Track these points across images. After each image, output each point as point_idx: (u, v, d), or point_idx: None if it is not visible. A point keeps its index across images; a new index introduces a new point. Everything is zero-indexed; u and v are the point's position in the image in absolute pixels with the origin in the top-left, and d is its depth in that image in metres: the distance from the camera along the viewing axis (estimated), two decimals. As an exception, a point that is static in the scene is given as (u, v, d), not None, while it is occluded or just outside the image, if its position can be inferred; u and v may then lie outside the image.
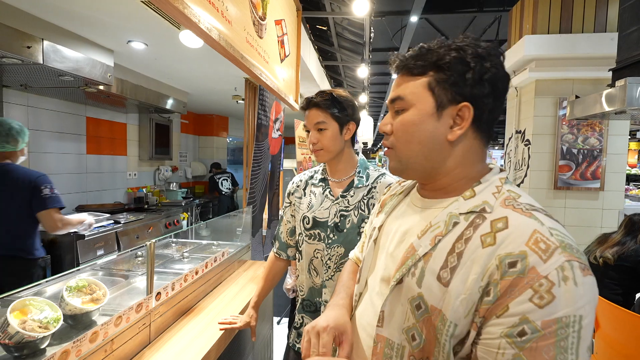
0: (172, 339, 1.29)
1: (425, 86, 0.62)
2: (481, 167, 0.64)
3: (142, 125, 4.56)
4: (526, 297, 0.48)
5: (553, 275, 0.47)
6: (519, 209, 0.55)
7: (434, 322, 0.56)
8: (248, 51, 1.29)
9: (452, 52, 0.59)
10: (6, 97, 2.84)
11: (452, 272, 0.55)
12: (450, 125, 0.61)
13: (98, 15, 2.15)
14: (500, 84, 0.60)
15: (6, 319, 0.89)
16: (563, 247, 0.49)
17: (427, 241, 0.59)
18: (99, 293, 1.15)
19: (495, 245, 0.52)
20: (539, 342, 0.46)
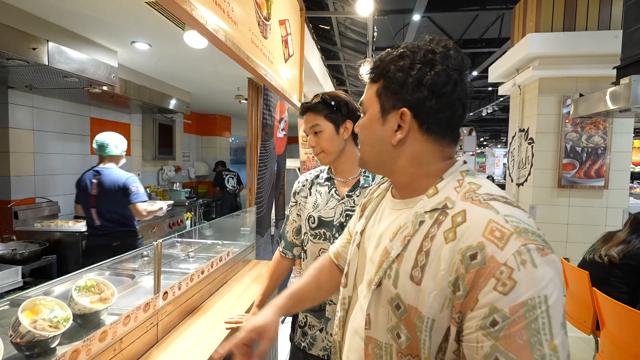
0: (179, 338, 1.30)
1: (375, 93, 0.66)
2: (442, 165, 0.65)
3: (146, 126, 4.58)
4: (490, 286, 0.49)
5: (511, 261, 0.49)
6: (477, 200, 0.57)
7: (413, 320, 0.57)
8: (253, 51, 1.29)
9: (397, 61, 0.63)
10: (12, 98, 2.86)
11: (422, 271, 0.57)
12: (395, 129, 0.64)
13: (102, 17, 2.16)
14: (444, 87, 0.60)
15: (17, 319, 0.90)
16: (518, 232, 0.51)
17: (398, 243, 0.62)
18: (107, 293, 1.16)
19: (456, 240, 0.54)
20: (510, 329, 0.47)
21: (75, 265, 2.81)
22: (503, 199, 0.57)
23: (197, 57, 2.96)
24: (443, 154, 0.65)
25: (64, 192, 3.44)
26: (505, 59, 4.34)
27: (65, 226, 2.92)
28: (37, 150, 3.12)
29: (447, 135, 0.64)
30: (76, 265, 2.81)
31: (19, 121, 2.94)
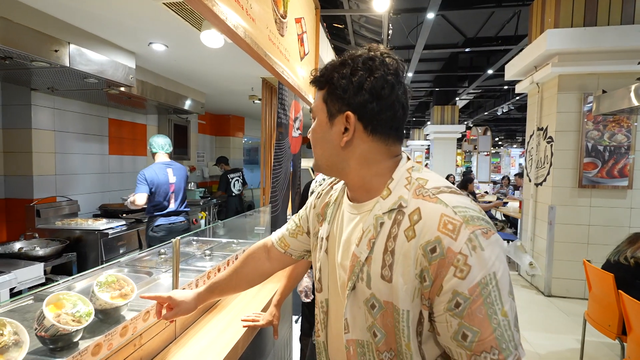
0: (196, 335, 1.31)
1: (322, 99, 0.71)
2: (390, 163, 0.70)
3: (161, 126, 4.65)
4: (451, 274, 0.56)
5: (464, 249, 0.56)
6: (427, 196, 0.62)
7: (391, 314, 0.63)
8: (270, 49, 1.29)
9: (339, 68, 0.68)
10: (34, 99, 2.95)
11: (391, 269, 0.62)
12: (342, 132, 0.68)
13: (120, 18, 2.20)
14: (382, 91, 0.65)
15: (42, 312, 0.91)
16: (466, 222, 0.57)
17: (365, 247, 0.66)
18: (127, 289, 1.17)
19: (416, 237, 0.60)
20: (472, 307, 0.55)
21: (94, 263, 2.87)
22: (448, 189, 0.63)
23: (212, 58, 2.99)
24: (389, 153, 0.69)
25: (84, 191, 3.53)
26: (522, 56, 4.24)
27: (85, 224, 2.99)
28: (58, 150, 3.21)
29: (392, 135, 0.69)
30: (95, 262, 2.87)
31: (41, 122, 3.02)
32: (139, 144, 4.36)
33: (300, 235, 0.95)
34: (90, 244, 2.87)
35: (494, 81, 9.89)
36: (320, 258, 0.81)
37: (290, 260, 1.01)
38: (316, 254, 0.85)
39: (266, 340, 1.74)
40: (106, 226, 2.96)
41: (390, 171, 0.69)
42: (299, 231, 0.96)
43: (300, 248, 0.97)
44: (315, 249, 0.87)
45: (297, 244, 0.96)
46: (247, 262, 1.03)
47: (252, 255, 1.03)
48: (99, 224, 2.99)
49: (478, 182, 11.18)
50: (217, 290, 1.04)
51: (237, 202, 5.62)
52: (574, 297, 3.85)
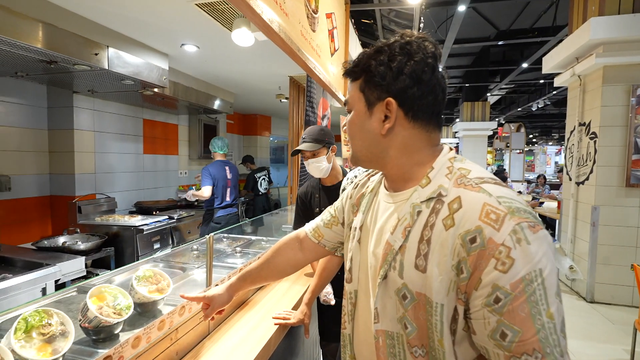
0: (229, 331, 1.32)
1: (358, 89, 0.70)
2: (431, 152, 0.68)
3: (192, 126, 4.79)
4: (491, 266, 0.52)
5: (508, 241, 0.52)
6: (469, 185, 0.60)
7: (423, 307, 0.60)
8: (303, 44, 1.28)
9: (376, 55, 0.67)
10: (76, 102, 3.11)
11: (426, 259, 0.60)
12: (382, 120, 0.67)
13: (155, 21, 2.27)
14: (423, 74, 0.64)
15: (86, 304, 0.95)
16: (511, 213, 0.54)
17: (399, 235, 0.64)
18: (163, 283, 1.20)
19: (455, 226, 0.57)
20: (513, 304, 0.51)
21: (130, 257, 2.99)
22: (493, 180, 0.61)
23: (241, 57, 3.03)
24: (430, 140, 0.68)
25: (121, 188, 3.69)
26: (562, 47, 3.99)
27: (122, 220, 3.12)
28: (97, 149, 3.37)
29: (432, 121, 0.68)
30: (131, 257, 2.99)
31: (82, 123, 3.19)
32: (171, 143, 4.51)
33: (335, 226, 0.95)
34: (127, 239, 3.00)
35: (529, 75, 9.42)
36: (352, 248, 0.80)
37: (323, 252, 1.00)
38: (348, 244, 0.84)
39: (297, 339, 1.74)
40: (141, 222, 3.08)
41: (431, 160, 0.67)
42: (333, 222, 0.95)
43: (334, 239, 0.96)
44: (348, 239, 0.86)
45: (332, 234, 0.95)
46: (279, 253, 1.03)
47: (284, 246, 1.03)
48: (135, 220, 3.11)
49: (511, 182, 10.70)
50: (249, 279, 1.06)
51: (264, 201, 5.69)
52: (620, 304, 3.59)
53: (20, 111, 2.87)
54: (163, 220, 3.31)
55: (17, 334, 0.78)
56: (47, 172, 3.14)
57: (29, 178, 2.98)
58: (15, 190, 2.85)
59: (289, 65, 3.14)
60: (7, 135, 2.77)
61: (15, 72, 2.38)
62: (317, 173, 1.72)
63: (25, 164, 2.94)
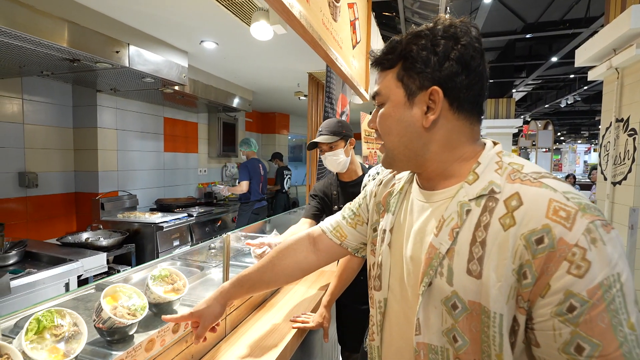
0: (246, 334, 1.27)
1: (395, 78, 0.63)
2: (474, 146, 0.63)
3: (211, 125, 4.82)
4: (563, 270, 0.47)
5: (582, 241, 0.46)
6: (527, 180, 0.54)
7: (478, 317, 0.54)
8: (324, 34, 1.22)
9: (416, 40, 0.60)
10: (100, 100, 3.16)
11: (480, 263, 0.54)
12: (425, 112, 0.60)
13: (174, 17, 2.26)
14: (472, 60, 0.58)
15: (100, 304, 0.92)
16: (582, 210, 0.48)
17: (446, 237, 0.58)
18: (179, 283, 1.17)
19: (516, 225, 0.51)
20: (591, 313, 0.45)
21: (150, 254, 3.02)
22: (550, 175, 0.55)
23: (260, 53, 3.00)
24: (472, 134, 0.63)
25: (142, 186, 3.74)
26: (597, 38, 3.75)
27: (143, 218, 3.15)
28: (119, 147, 3.42)
29: (475, 113, 0.62)
30: (151, 253, 3.02)
31: (105, 121, 3.24)
32: (191, 141, 4.55)
33: (360, 226, 0.86)
34: (147, 236, 3.03)
35: (557, 70, 9.00)
36: (381, 252, 0.72)
37: (343, 253, 0.90)
38: (375, 248, 0.76)
39: (314, 342, 1.68)
40: (161, 220, 3.10)
41: (475, 155, 0.62)
42: (358, 221, 0.86)
43: (359, 240, 0.87)
44: (373, 242, 0.78)
45: (356, 235, 0.86)
46: (286, 254, 0.90)
47: (292, 247, 0.91)
48: (155, 218, 3.14)
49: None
50: (247, 284, 0.90)
51: (285, 198, 5.76)
52: (662, 313, 3.34)
53: (47, 110, 2.95)
54: (182, 218, 3.33)
55: (29, 335, 0.76)
56: (72, 169, 3.21)
57: (55, 175, 3.05)
58: (42, 187, 2.93)
59: (308, 61, 3.08)
60: (34, 133, 2.84)
61: (41, 71, 2.42)
62: (334, 167, 1.64)
63: (51, 161, 3.02)
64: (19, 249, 2.20)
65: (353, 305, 1.69)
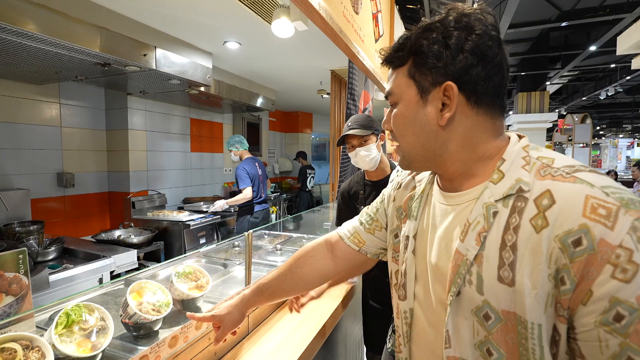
0: (268, 332, 1.27)
1: (406, 76, 0.59)
2: (497, 142, 0.58)
3: (236, 125, 4.90)
4: (607, 274, 0.42)
5: (627, 241, 0.42)
6: (559, 175, 0.49)
7: (514, 328, 0.50)
8: (345, 26, 1.19)
9: (427, 34, 0.57)
10: (130, 103, 3.28)
11: (512, 269, 0.49)
12: (440, 109, 0.57)
13: (199, 19, 2.30)
14: (489, 50, 0.54)
15: (126, 300, 0.94)
16: (625, 205, 0.44)
17: (472, 242, 0.54)
18: (202, 280, 1.18)
19: (549, 226, 0.47)
20: None
21: (178, 251, 3.11)
22: (586, 167, 0.50)
23: (282, 52, 3.00)
24: (495, 129, 0.58)
25: (170, 185, 3.86)
26: (643, 23, 3.48)
27: (171, 216, 3.25)
28: (149, 148, 3.55)
29: (497, 106, 0.58)
30: (179, 251, 3.11)
31: (135, 123, 3.36)
32: (217, 141, 4.64)
33: (379, 232, 0.82)
34: (175, 234, 3.11)
35: (596, 60, 8.46)
36: (405, 260, 0.69)
37: (361, 259, 0.87)
38: (398, 255, 0.72)
39: (338, 342, 1.66)
40: (188, 218, 3.18)
41: (499, 152, 0.57)
42: (376, 227, 0.83)
43: (378, 246, 0.83)
44: (394, 248, 0.74)
45: (375, 241, 0.83)
46: (303, 262, 0.87)
47: (310, 254, 0.88)
48: (182, 216, 3.23)
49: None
50: (267, 292, 0.89)
51: (309, 197, 5.78)
52: None
53: (82, 113, 3.10)
54: (208, 216, 3.40)
55: (58, 329, 0.78)
56: (106, 169, 3.36)
57: (90, 175, 3.21)
58: (78, 186, 3.08)
59: (330, 58, 3.06)
60: (71, 136, 3.00)
61: (75, 76, 2.54)
62: (365, 164, 1.54)
63: (86, 162, 3.17)
64: (57, 245, 2.32)
65: (380, 307, 1.64)
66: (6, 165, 2.58)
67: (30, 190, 2.61)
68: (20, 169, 2.66)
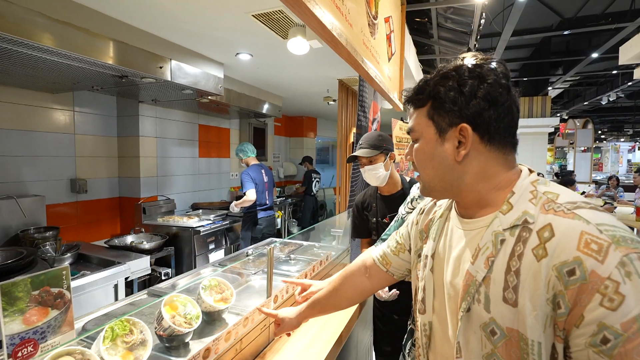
0: (288, 342, 1.32)
1: (426, 116, 0.67)
2: (509, 175, 0.64)
3: (242, 130, 4.96)
4: (596, 302, 0.47)
5: (615, 275, 0.47)
6: (560, 211, 0.55)
7: (517, 344, 0.55)
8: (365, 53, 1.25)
9: (443, 81, 0.64)
10: (141, 110, 3.35)
11: (515, 292, 0.55)
12: (456, 146, 0.64)
13: (213, 32, 2.36)
14: (499, 96, 0.61)
15: (161, 313, 1.00)
16: (616, 242, 0.49)
17: (482, 265, 0.60)
18: (227, 293, 1.24)
19: (548, 256, 0.53)
20: (626, 346, 0.46)
21: (188, 257, 3.16)
22: (587, 204, 0.55)
23: (292, 63, 3.06)
24: (507, 164, 0.65)
25: (179, 190, 3.92)
26: (645, 34, 3.54)
27: (181, 222, 3.31)
28: (159, 154, 3.61)
29: (508, 143, 0.65)
30: (189, 256, 3.16)
31: (146, 130, 3.43)
32: (224, 147, 4.70)
33: (402, 253, 0.91)
34: (185, 239, 3.17)
35: (597, 66, 8.51)
36: (424, 277, 0.76)
37: (391, 279, 0.97)
38: (418, 272, 0.80)
39: (350, 348, 1.71)
40: (198, 224, 3.24)
41: (510, 184, 0.64)
42: (400, 249, 0.92)
43: (403, 267, 0.93)
44: (417, 267, 0.82)
45: (400, 262, 0.92)
46: (345, 282, 1.02)
47: (351, 276, 1.01)
48: (192, 222, 3.28)
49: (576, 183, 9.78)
50: (318, 306, 1.05)
51: (314, 201, 5.83)
52: None
53: (95, 120, 3.16)
54: (217, 222, 3.46)
55: (105, 342, 0.84)
56: (117, 175, 3.42)
57: (102, 181, 3.27)
58: (90, 192, 3.14)
59: (338, 69, 3.12)
60: (84, 143, 3.06)
61: (92, 87, 2.61)
62: (373, 181, 1.65)
63: (98, 168, 3.23)
64: (73, 251, 2.38)
65: (389, 315, 1.71)
66: (22, 172, 2.64)
67: (45, 197, 2.67)
68: (36, 176, 2.72)
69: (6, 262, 1.85)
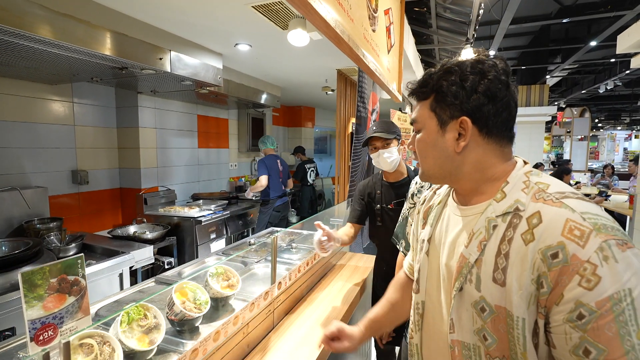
0: (292, 325, 1.39)
1: (429, 108, 0.71)
2: (504, 166, 0.69)
3: (241, 120, 4.96)
4: (575, 283, 0.52)
5: (594, 258, 0.52)
6: (549, 200, 0.60)
7: (504, 319, 0.61)
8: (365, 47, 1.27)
9: (446, 76, 0.68)
10: (140, 101, 3.35)
11: (504, 272, 0.60)
12: (456, 138, 0.68)
13: (212, 24, 2.36)
14: (498, 92, 0.65)
15: (172, 299, 1.05)
16: (597, 229, 0.53)
17: (475, 248, 0.65)
18: (233, 280, 1.29)
19: (535, 241, 0.57)
20: (599, 322, 0.51)
21: (190, 246, 3.22)
22: (574, 195, 0.60)
23: (291, 53, 3.06)
24: (503, 155, 0.69)
25: (179, 181, 3.95)
26: (643, 23, 3.54)
27: (182, 212, 3.35)
28: (158, 145, 3.62)
29: (505, 136, 0.69)
30: (190, 246, 3.22)
31: (145, 121, 3.43)
32: (222, 137, 4.71)
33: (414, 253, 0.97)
34: (187, 229, 3.22)
35: (596, 54, 8.49)
36: (420, 260, 0.81)
37: None
38: (416, 256, 0.85)
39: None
40: (199, 214, 3.28)
41: (505, 175, 0.68)
42: (412, 249, 0.97)
43: None
44: (415, 250, 0.87)
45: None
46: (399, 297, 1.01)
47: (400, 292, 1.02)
48: (193, 212, 3.33)
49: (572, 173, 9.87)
50: (376, 326, 1.00)
51: (311, 191, 5.83)
52: None
53: (94, 112, 3.16)
54: (218, 212, 3.50)
55: (122, 325, 0.89)
56: (117, 166, 3.45)
57: (102, 172, 3.29)
58: (92, 183, 3.17)
59: (337, 59, 3.12)
60: (84, 134, 3.07)
61: (92, 78, 2.61)
62: (386, 165, 1.66)
63: (99, 159, 3.25)
64: (78, 242, 2.42)
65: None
66: (24, 163, 2.66)
67: (47, 188, 2.70)
68: (37, 167, 2.74)
69: (14, 252, 1.90)
